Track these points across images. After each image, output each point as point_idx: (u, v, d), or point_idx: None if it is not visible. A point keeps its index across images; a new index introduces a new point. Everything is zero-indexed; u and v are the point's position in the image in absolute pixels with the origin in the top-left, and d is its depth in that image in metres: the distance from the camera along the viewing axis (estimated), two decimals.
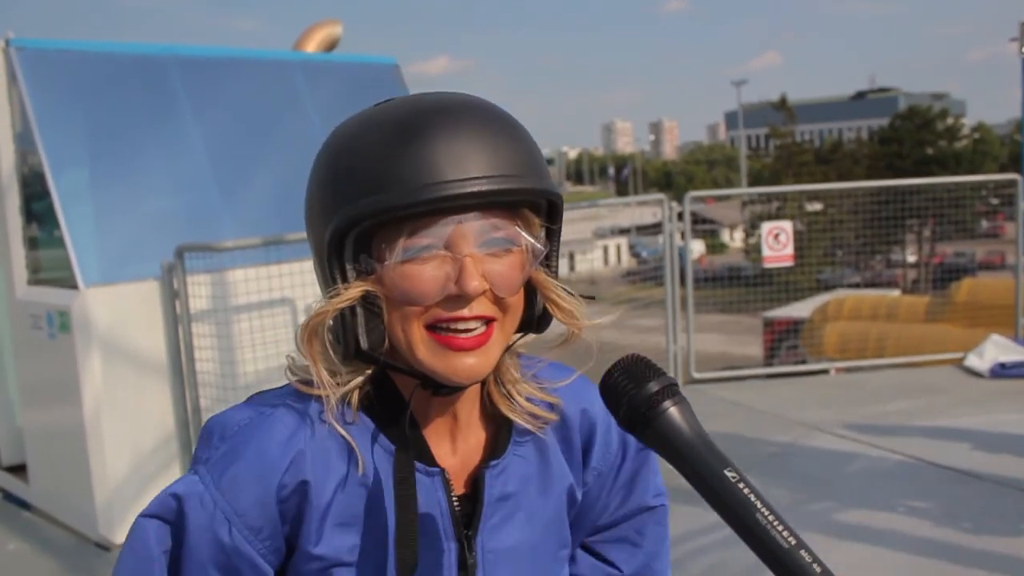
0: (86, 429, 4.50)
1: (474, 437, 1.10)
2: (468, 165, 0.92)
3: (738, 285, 12.27)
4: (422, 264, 0.94)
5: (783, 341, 13.44)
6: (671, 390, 0.87)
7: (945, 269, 17.86)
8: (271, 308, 4.78)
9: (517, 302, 1.01)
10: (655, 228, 7.77)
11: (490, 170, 0.93)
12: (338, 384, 1.00)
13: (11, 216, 5.03)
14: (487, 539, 1.07)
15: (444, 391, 1.02)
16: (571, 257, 23.47)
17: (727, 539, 4.37)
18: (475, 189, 0.92)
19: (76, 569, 4.51)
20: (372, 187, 0.93)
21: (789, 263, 7.82)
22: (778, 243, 7.64)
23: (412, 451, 1.02)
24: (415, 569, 0.97)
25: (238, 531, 0.98)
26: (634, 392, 0.87)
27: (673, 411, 0.86)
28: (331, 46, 7.21)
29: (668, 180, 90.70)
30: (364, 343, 0.98)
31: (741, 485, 0.82)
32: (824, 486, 4.90)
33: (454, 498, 1.05)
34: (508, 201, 0.97)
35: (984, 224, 27.99)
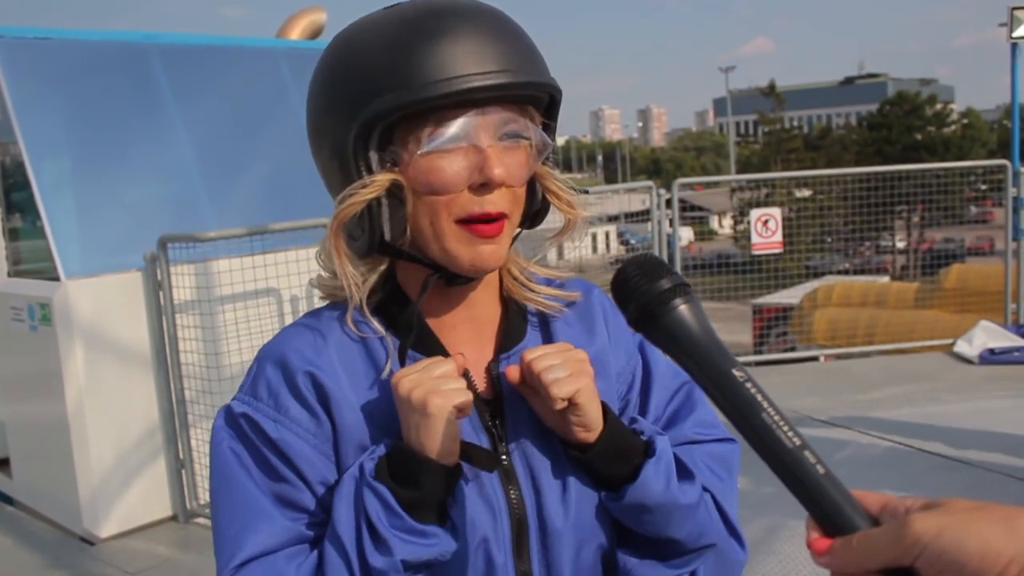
0: (69, 422, 4.45)
1: (492, 332, 1.15)
2: (488, 60, 0.99)
3: (727, 272, 12.24)
4: (447, 155, 1.00)
5: (772, 328, 13.43)
6: (682, 289, 0.86)
7: (934, 255, 17.85)
8: (256, 298, 4.73)
9: (522, 196, 1.07)
10: (643, 215, 7.73)
11: (508, 64, 1.00)
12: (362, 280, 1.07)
13: None
14: (516, 427, 1.09)
15: (460, 280, 1.08)
16: (559, 244, 23.44)
17: None
18: (499, 81, 0.99)
19: (60, 564, 4.46)
20: (395, 82, 0.98)
21: (778, 250, 7.82)
22: (767, 230, 7.62)
23: (424, 348, 1.08)
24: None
25: (283, 425, 1.04)
26: (645, 287, 0.86)
27: (683, 309, 0.84)
28: (315, 33, 7.14)
29: (656, 167, 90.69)
30: (387, 233, 1.04)
31: (748, 385, 0.79)
32: None
33: (477, 390, 1.08)
34: (519, 95, 1.03)
35: (972, 210, 28.03)
